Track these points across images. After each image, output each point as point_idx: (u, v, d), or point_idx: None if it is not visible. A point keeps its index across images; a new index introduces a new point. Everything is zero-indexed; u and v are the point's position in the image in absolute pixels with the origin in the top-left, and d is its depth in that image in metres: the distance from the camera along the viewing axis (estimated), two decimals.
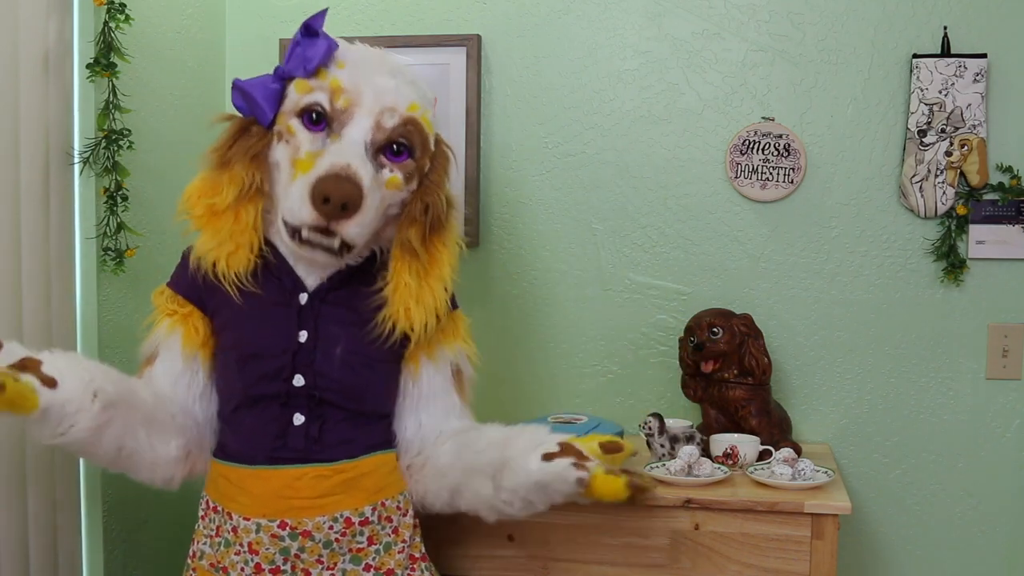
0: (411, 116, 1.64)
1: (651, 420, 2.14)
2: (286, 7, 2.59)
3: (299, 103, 1.62)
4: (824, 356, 2.42)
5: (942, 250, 2.33)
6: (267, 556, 1.63)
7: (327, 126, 1.61)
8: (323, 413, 1.64)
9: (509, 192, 2.52)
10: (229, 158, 1.64)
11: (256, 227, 1.64)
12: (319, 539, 1.63)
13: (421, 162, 1.67)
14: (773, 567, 1.92)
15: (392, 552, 1.69)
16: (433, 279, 1.68)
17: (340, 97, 1.60)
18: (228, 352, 1.68)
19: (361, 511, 1.65)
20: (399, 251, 1.67)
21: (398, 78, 1.68)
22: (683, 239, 2.46)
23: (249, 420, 1.66)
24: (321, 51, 1.62)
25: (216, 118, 1.71)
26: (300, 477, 1.62)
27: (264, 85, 1.64)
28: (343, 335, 1.66)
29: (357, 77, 1.62)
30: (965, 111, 2.29)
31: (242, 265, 1.62)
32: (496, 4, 2.50)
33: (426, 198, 1.68)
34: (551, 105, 2.49)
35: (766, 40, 2.40)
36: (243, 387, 1.65)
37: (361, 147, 1.59)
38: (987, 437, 2.37)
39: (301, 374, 1.63)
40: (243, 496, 1.65)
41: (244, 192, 1.62)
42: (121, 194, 2.12)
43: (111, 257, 2.12)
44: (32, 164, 1.92)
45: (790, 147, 2.38)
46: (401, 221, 1.68)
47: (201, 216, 1.64)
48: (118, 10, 2.09)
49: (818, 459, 2.14)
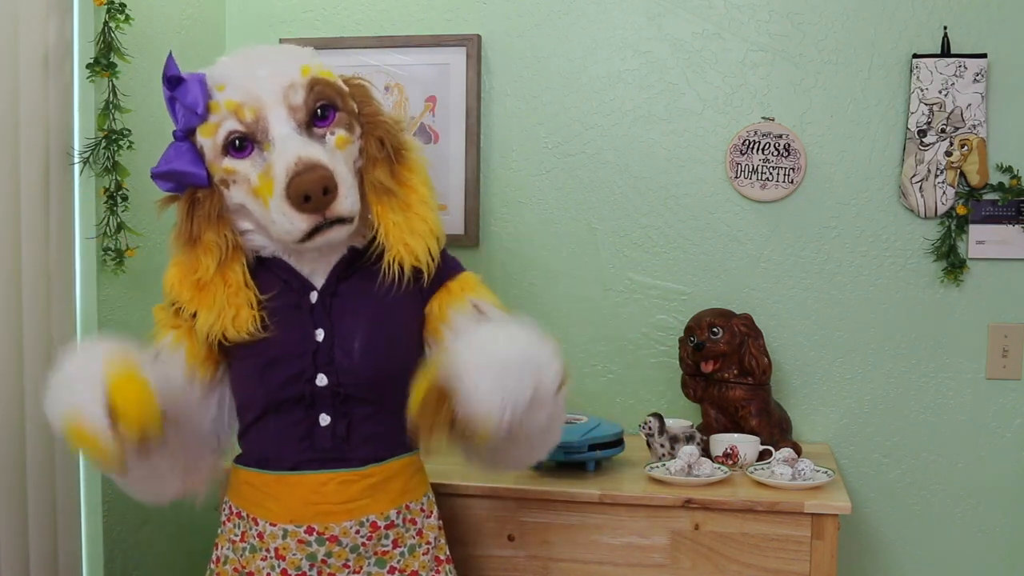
0: (310, 78, 1.61)
1: (651, 420, 2.14)
2: (286, 7, 2.59)
3: (217, 144, 1.59)
4: (824, 356, 2.42)
5: (942, 250, 2.33)
6: (294, 562, 1.62)
7: (253, 144, 1.58)
8: (349, 411, 1.63)
9: (509, 192, 2.52)
10: (196, 232, 1.62)
11: (248, 284, 1.62)
12: (346, 544, 1.62)
13: (348, 107, 1.65)
14: (773, 567, 1.92)
15: (416, 554, 1.69)
16: (416, 205, 1.65)
17: (244, 112, 1.57)
18: (245, 360, 1.65)
19: (387, 514, 1.65)
20: (374, 195, 1.64)
21: (271, 58, 1.65)
22: (683, 239, 2.46)
23: (274, 425, 1.65)
24: (198, 91, 1.59)
25: (160, 207, 1.69)
26: (327, 482, 1.62)
27: (178, 155, 1.61)
28: (360, 327, 1.64)
29: (241, 85, 1.59)
30: (965, 111, 2.29)
31: (249, 323, 1.60)
32: (496, 4, 2.50)
33: (375, 132, 1.66)
34: (551, 105, 2.49)
35: (766, 40, 2.40)
36: (265, 393, 1.63)
37: (295, 135, 1.57)
38: (987, 437, 2.37)
39: (323, 373, 1.62)
40: (269, 502, 1.63)
41: (224, 256, 1.61)
42: (121, 194, 2.12)
43: (111, 257, 2.12)
44: (32, 164, 1.92)
45: (790, 147, 2.38)
46: (364, 165, 1.65)
47: (191, 298, 1.62)
48: (118, 10, 2.09)
49: (818, 459, 2.14)
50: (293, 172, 1.52)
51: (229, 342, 1.61)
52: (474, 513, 2.01)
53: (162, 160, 1.63)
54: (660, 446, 2.13)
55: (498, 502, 2.00)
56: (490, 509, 2.01)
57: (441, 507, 1.78)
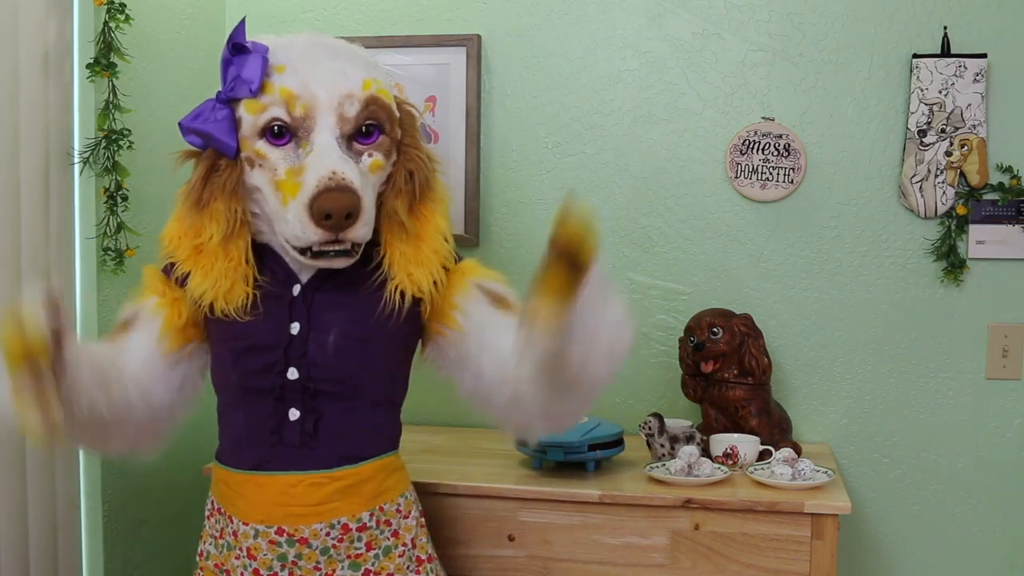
0: (369, 95, 1.60)
1: (651, 420, 2.14)
2: (286, 7, 2.59)
3: (257, 124, 1.57)
4: (824, 356, 2.42)
5: (942, 250, 2.33)
6: (265, 562, 1.62)
7: (292, 136, 1.57)
8: (319, 406, 1.62)
9: (509, 192, 2.52)
10: (206, 198, 1.60)
11: (248, 260, 1.62)
12: (316, 546, 1.62)
13: (392, 134, 1.64)
14: (773, 567, 1.92)
15: (392, 556, 1.68)
16: (428, 237, 1.65)
17: (295, 105, 1.56)
18: (221, 344, 1.66)
19: (358, 517, 1.64)
20: (387, 223, 1.64)
21: (340, 59, 1.63)
22: (683, 239, 2.46)
23: (243, 416, 1.65)
24: (259, 66, 1.57)
25: (179, 159, 1.67)
26: (296, 484, 1.61)
27: (215, 118, 1.59)
28: (336, 320, 1.63)
29: (303, 76, 1.58)
30: (965, 111, 2.29)
31: (240, 299, 1.60)
32: (496, 4, 2.50)
33: (408, 165, 1.65)
34: (551, 105, 2.49)
35: (766, 40, 2.40)
36: (238, 380, 1.64)
37: (336, 146, 1.56)
38: (987, 437, 2.37)
39: (295, 366, 1.61)
40: (241, 501, 1.64)
41: (231, 229, 1.60)
42: (121, 194, 2.12)
43: (111, 257, 2.12)
44: (32, 164, 1.92)
45: (790, 147, 2.38)
46: (386, 192, 1.64)
47: (188, 257, 1.61)
48: (118, 10, 2.09)
49: (818, 459, 2.14)
50: (324, 187, 1.51)
51: (214, 315, 1.61)
52: (474, 513, 2.01)
53: (194, 115, 1.60)
54: (660, 446, 2.13)
55: (498, 502, 2.00)
56: (490, 509, 2.01)
57: (441, 507, 1.78)
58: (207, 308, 1.61)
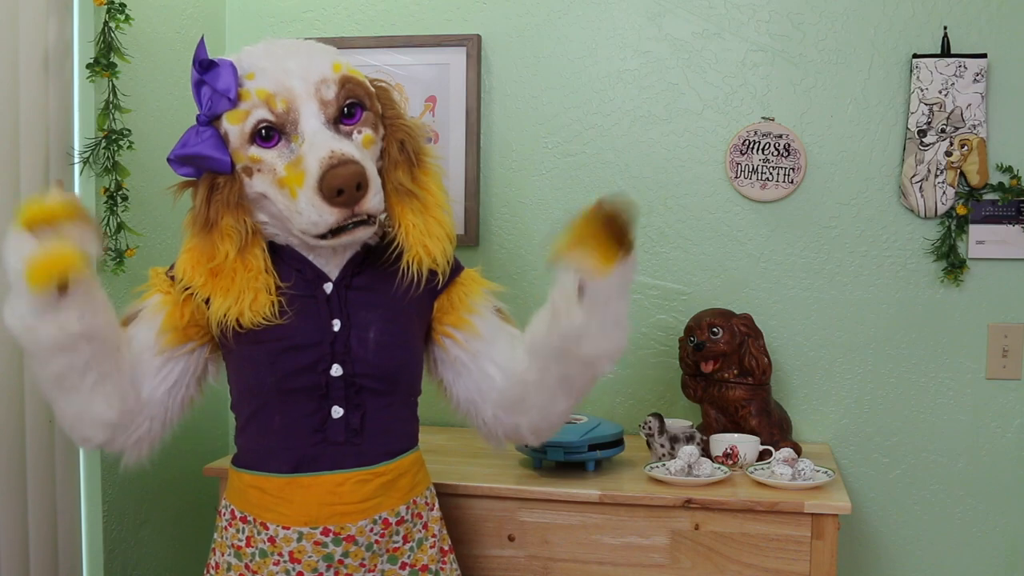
0: (342, 75, 1.62)
1: (651, 420, 2.14)
2: (286, 7, 2.59)
3: (244, 131, 1.58)
4: (824, 356, 2.42)
5: (942, 250, 2.34)
6: (310, 564, 1.62)
7: (280, 135, 1.58)
8: (362, 402, 1.63)
9: (509, 192, 2.52)
10: (213, 217, 1.60)
11: (268, 269, 1.62)
12: (362, 543, 1.63)
13: (374, 108, 1.66)
14: (773, 567, 1.92)
15: (424, 547, 1.70)
16: (433, 208, 1.67)
17: (275, 102, 1.57)
18: (255, 347, 1.63)
19: (397, 511, 1.66)
20: (395, 196, 1.65)
21: (303, 52, 1.65)
22: (683, 239, 2.46)
23: (280, 419, 1.63)
24: (231, 75, 1.59)
25: (176, 193, 1.67)
26: (343, 482, 1.61)
27: (201, 140, 1.60)
28: (374, 318, 1.65)
29: (274, 75, 1.59)
30: (965, 111, 2.29)
31: (267, 308, 1.59)
32: (496, 4, 2.50)
33: (397, 135, 1.67)
34: (551, 105, 2.49)
35: (766, 40, 2.40)
36: (275, 381, 1.62)
37: (325, 130, 1.58)
38: (987, 437, 2.37)
39: (339, 363, 1.62)
40: (283, 506, 1.62)
41: (244, 241, 1.60)
42: (121, 194, 2.12)
43: (111, 257, 2.12)
44: (32, 164, 1.92)
45: (790, 147, 2.38)
46: (386, 167, 1.66)
47: (205, 284, 1.60)
48: (118, 10, 2.09)
49: (818, 459, 2.14)
50: (327, 165, 1.51)
51: (243, 328, 1.59)
52: (474, 513, 2.01)
53: (180, 144, 1.61)
54: (660, 446, 2.13)
55: (498, 502, 2.00)
56: (490, 509, 2.01)
57: (441, 507, 1.79)
58: (234, 323, 1.59)
